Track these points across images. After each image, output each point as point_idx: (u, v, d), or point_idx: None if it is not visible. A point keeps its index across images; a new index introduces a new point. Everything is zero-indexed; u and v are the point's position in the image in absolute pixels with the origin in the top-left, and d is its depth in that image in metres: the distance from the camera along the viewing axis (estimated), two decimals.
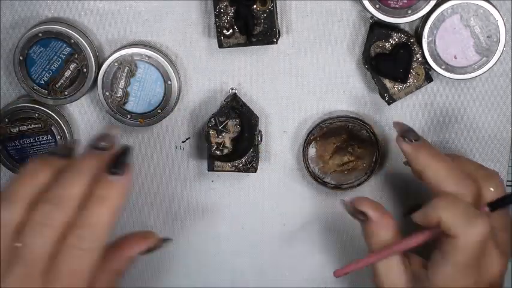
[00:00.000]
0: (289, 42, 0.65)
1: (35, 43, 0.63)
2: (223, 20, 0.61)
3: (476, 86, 0.66)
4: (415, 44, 0.63)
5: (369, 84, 0.66)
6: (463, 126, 0.68)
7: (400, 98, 0.65)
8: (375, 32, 0.63)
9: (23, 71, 0.64)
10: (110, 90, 0.64)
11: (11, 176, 0.68)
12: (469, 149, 0.68)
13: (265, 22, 0.61)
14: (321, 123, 0.66)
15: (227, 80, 0.66)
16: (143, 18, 0.65)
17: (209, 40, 0.65)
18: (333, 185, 0.67)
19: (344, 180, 0.67)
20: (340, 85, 0.67)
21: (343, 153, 0.67)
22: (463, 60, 0.63)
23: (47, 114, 0.65)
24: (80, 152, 0.51)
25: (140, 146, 0.68)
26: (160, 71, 0.64)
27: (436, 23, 0.62)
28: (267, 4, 0.61)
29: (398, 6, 0.62)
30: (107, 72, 0.64)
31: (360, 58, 0.66)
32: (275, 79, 0.66)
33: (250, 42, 0.62)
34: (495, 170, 0.60)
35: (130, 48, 0.64)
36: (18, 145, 0.66)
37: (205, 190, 0.70)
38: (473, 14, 0.62)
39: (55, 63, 0.64)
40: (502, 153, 0.68)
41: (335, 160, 0.67)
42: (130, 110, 0.65)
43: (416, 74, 0.64)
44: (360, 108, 0.67)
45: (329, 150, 0.67)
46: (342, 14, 0.64)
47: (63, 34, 0.63)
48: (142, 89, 0.64)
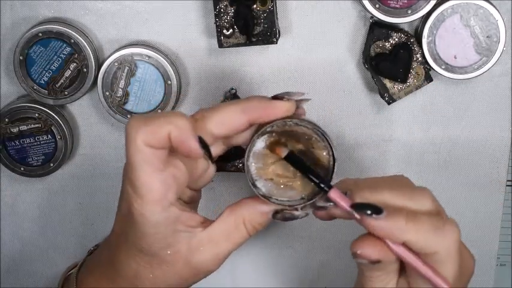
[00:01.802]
0: (289, 42, 0.65)
1: (35, 43, 0.63)
2: (223, 20, 0.61)
3: (476, 86, 0.66)
4: (415, 44, 0.63)
5: (369, 84, 0.66)
6: (463, 126, 0.68)
7: (400, 98, 0.65)
8: (375, 32, 0.63)
9: (23, 71, 0.64)
10: (110, 90, 0.64)
11: (11, 176, 0.68)
12: (469, 149, 0.68)
13: (265, 22, 0.61)
14: (287, 118, 0.52)
15: (227, 80, 0.66)
16: (143, 18, 0.65)
17: (209, 40, 0.65)
18: (261, 193, 0.52)
19: (275, 194, 0.53)
20: (340, 85, 0.67)
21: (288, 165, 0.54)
22: (463, 60, 0.63)
23: (47, 114, 0.65)
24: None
25: None
26: (160, 71, 0.64)
27: (436, 23, 0.62)
28: (267, 4, 0.61)
29: (398, 6, 0.62)
30: (107, 72, 0.64)
31: (360, 58, 0.66)
32: (275, 79, 0.66)
33: (250, 42, 0.62)
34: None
35: (130, 48, 0.64)
36: (18, 145, 0.66)
37: (205, 190, 0.70)
38: (473, 14, 0.62)
39: (55, 63, 0.64)
40: (502, 153, 0.68)
41: (277, 168, 0.54)
42: (130, 110, 0.65)
43: (416, 74, 0.64)
44: (360, 108, 0.67)
45: (279, 152, 0.53)
46: (342, 14, 0.64)
47: (63, 34, 0.63)
48: (142, 89, 0.64)
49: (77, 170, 0.69)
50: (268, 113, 0.50)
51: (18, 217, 0.71)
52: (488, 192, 0.70)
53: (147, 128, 0.46)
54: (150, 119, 0.47)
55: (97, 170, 0.69)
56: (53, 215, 0.71)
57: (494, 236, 0.72)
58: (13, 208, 0.70)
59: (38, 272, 0.72)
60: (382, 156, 0.69)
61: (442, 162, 0.69)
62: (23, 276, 0.73)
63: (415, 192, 0.49)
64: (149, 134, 0.46)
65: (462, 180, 0.70)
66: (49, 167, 0.66)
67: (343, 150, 0.69)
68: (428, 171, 0.69)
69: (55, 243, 0.72)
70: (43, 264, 0.72)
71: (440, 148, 0.69)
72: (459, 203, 0.71)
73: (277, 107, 0.50)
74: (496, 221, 0.71)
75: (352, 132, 0.68)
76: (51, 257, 0.72)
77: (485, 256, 0.72)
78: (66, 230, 0.71)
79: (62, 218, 0.71)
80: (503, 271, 0.75)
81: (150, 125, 0.46)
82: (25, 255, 0.72)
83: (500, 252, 0.73)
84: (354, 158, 0.69)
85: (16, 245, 0.72)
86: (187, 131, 0.47)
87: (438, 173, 0.70)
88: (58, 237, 0.71)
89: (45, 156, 0.66)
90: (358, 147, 0.69)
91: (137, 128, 0.46)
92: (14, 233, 0.71)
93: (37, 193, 0.70)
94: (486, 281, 0.73)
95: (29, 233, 0.71)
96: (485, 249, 0.72)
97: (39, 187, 0.70)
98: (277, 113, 0.50)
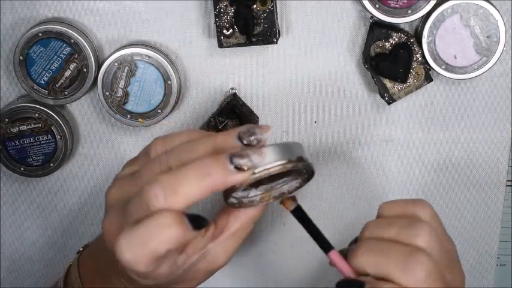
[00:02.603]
0: (289, 42, 0.65)
1: (35, 43, 0.63)
2: (223, 20, 0.61)
3: (476, 86, 0.66)
4: (415, 44, 0.63)
5: (369, 84, 0.66)
6: (463, 126, 0.68)
7: (400, 98, 0.65)
8: (375, 32, 0.63)
9: (23, 71, 0.64)
10: (110, 90, 0.64)
11: (11, 176, 0.68)
12: (469, 149, 0.68)
13: (265, 22, 0.61)
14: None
15: (227, 80, 0.66)
16: (143, 18, 0.65)
17: (209, 40, 0.65)
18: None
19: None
20: (340, 85, 0.67)
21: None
22: (463, 60, 0.63)
23: (47, 114, 0.65)
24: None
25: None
26: (160, 71, 0.64)
27: (436, 23, 0.62)
28: (267, 4, 0.61)
29: (398, 6, 0.62)
30: (107, 72, 0.64)
31: (360, 58, 0.66)
32: (275, 79, 0.66)
33: (250, 42, 0.62)
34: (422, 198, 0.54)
35: (130, 48, 0.64)
36: (18, 145, 0.66)
37: None
38: (473, 14, 0.62)
39: (55, 63, 0.64)
40: (502, 153, 0.68)
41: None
42: (130, 110, 0.65)
43: (416, 74, 0.64)
44: (360, 108, 0.67)
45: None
46: (342, 14, 0.64)
47: (63, 34, 0.63)
48: (142, 89, 0.64)
49: (77, 170, 0.69)
50: (230, 185, 0.49)
51: (18, 217, 0.71)
52: (488, 192, 0.70)
53: (146, 258, 0.46)
54: (146, 244, 0.46)
55: (97, 170, 0.69)
56: (53, 215, 0.71)
57: (494, 236, 0.72)
58: (13, 208, 0.70)
59: (38, 272, 0.72)
60: (382, 156, 0.69)
61: (442, 162, 0.69)
62: (23, 276, 0.73)
63: (409, 263, 0.49)
64: (149, 260, 0.46)
65: (462, 180, 0.70)
66: (49, 167, 0.66)
67: (343, 150, 0.69)
68: (428, 171, 0.69)
69: (55, 243, 0.72)
70: (43, 264, 0.72)
71: (440, 148, 0.69)
72: (459, 203, 0.71)
73: (239, 179, 0.48)
74: (496, 221, 0.71)
75: (352, 132, 0.68)
76: (51, 257, 0.72)
77: (485, 256, 0.72)
78: (66, 230, 0.71)
79: (62, 218, 0.71)
80: (503, 271, 0.75)
81: (148, 253, 0.46)
82: (25, 255, 0.72)
83: (500, 252, 0.73)
84: (354, 158, 0.69)
85: (16, 245, 0.72)
86: (185, 235, 0.46)
87: (438, 173, 0.70)
88: (58, 237, 0.71)
89: (45, 156, 0.66)
90: (358, 147, 0.69)
91: (135, 260, 0.46)
92: (14, 233, 0.71)
93: (37, 193, 0.70)
94: (486, 281, 0.73)
95: (29, 233, 0.71)
96: (485, 249, 0.72)
97: (39, 187, 0.70)
98: (239, 183, 0.48)
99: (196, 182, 0.47)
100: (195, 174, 0.47)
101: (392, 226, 0.51)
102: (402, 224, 0.51)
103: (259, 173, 0.48)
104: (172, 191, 0.47)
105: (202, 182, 0.47)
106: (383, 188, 0.70)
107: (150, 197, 0.46)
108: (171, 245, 0.46)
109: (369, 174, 0.69)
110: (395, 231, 0.50)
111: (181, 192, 0.47)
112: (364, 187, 0.70)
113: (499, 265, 0.74)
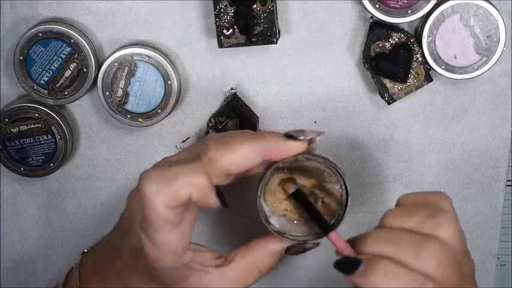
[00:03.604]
0: (289, 42, 0.65)
1: (35, 43, 0.63)
2: (223, 20, 0.61)
3: (476, 86, 0.66)
4: (415, 44, 0.63)
5: (369, 84, 0.66)
6: (463, 126, 0.68)
7: (400, 98, 0.65)
8: (375, 32, 0.63)
9: (23, 71, 0.64)
10: (110, 90, 0.64)
11: (11, 176, 0.68)
12: (469, 149, 0.68)
13: (265, 22, 0.61)
14: (299, 154, 0.51)
15: (227, 80, 0.66)
16: (143, 18, 0.65)
17: (209, 40, 0.65)
18: (275, 229, 0.53)
19: (289, 230, 0.54)
20: (340, 85, 0.67)
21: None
22: (463, 60, 0.63)
23: (47, 114, 0.65)
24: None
25: (140, 146, 0.68)
26: (160, 71, 0.64)
27: (436, 23, 0.62)
28: (267, 4, 0.61)
29: (398, 6, 0.62)
30: (107, 72, 0.64)
31: (360, 58, 0.66)
32: (275, 79, 0.66)
33: (250, 42, 0.62)
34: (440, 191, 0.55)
35: (130, 48, 0.64)
36: (18, 145, 0.66)
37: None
38: (473, 14, 0.62)
39: (55, 63, 0.64)
40: (502, 153, 0.68)
41: (290, 203, 0.55)
42: (130, 110, 0.65)
43: (416, 74, 0.64)
44: (360, 108, 0.67)
45: (288, 189, 0.55)
46: (342, 14, 0.64)
47: (63, 34, 0.63)
48: (142, 89, 0.64)
49: (77, 170, 0.69)
50: (282, 154, 0.51)
51: (18, 217, 0.71)
52: (488, 192, 0.70)
53: (167, 191, 0.46)
54: (170, 179, 0.47)
55: (97, 170, 0.69)
56: (53, 215, 0.71)
57: (494, 236, 0.72)
58: (13, 208, 0.70)
59: (38, 272, 0.72)
60: (382, 156, 0.69)
61: (442, 162, 0.69)
62: (23, 276, 0.73)
63: (423, 250, 0.49)
64: (170, 198, 0.46)
65: (462, 180, 0.70)
66: (49, 167, 0.67)
67: (343, 150, 0.69)
68: (428, 171, 0.69)
69: (55, 243, 0.72)
70: (43, 264, 0.72)
71: (440, 148, 0.69)
72: (459, 203, 0.70)
73: (292, 147, 0.50)
74: (496, 221, 0.71)
75: (352, 132, 0.68)
76: (51, 257, 0.72)
77: (485, 256, 0.72)
78: (66, 230, 0.71)
79: (62, 218, 0.71)
80: (503, 271, 0.75)
81: (171, 187, 0.46)
82: (25, 255, 0.72)
83: (500, 252, 0.73)
84: (354, 158, 0.69)
85: (16, 245, 0.72)
86: (208, 190, 0.47)
87: (438, 173, 0.70)
88: (58, 237, 0.71)
89: (45, 156, 0.66)
90: (358, 147, 0.69)
91: (157, 191, 0.46)
92: (13, 232, 0.71)
93: (37, 193, 0.70)
94: (486, 281, 0.73)
95: (29, 233, 0.71)
96: (485, 249, 0.72)
97: (39, 187, 0.70)
98: (291, 153, 0.51)
99: (248, 143, 0.49)
100: (248, 136, 0.49)
101: (415, 215, 0.51)
102: (425, 213, 0.51)
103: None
104: (224, 144, 0.48)
105: (255, 142, 0.49)
106: (383, 188, 0.70)
107: (202, 147, 0.48)
108: (194, 191, 0.46)
109: (369, 174, 0.69)
110: (418, 219, 0.50)
111: (232, 148, 0.48)
112: (364, 187, 0.70)
113: (499, 265, 0.74)
